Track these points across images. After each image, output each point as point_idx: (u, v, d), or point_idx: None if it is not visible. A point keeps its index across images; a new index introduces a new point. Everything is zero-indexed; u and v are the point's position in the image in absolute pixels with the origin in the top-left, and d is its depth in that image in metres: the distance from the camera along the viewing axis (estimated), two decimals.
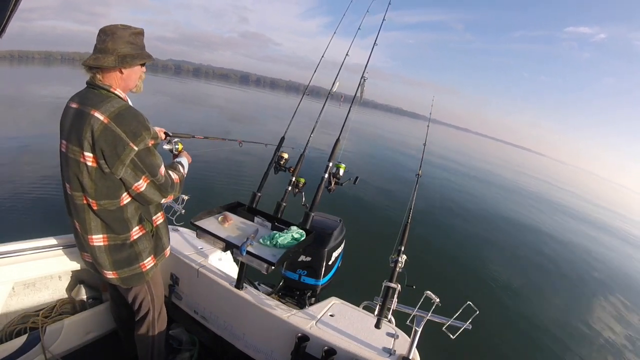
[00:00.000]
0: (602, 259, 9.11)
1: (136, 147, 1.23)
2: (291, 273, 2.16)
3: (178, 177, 1.49)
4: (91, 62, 1.23)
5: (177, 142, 1.78)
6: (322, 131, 2.54)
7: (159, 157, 1.35)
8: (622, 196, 57.40)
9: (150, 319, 1.59)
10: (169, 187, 1.40)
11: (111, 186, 1.28)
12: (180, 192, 1.52)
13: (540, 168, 54.23)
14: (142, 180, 1.30)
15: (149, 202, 1.40)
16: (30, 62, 77.06)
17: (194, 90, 44.09)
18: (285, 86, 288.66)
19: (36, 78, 30.10)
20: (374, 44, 2.56)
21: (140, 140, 1.24)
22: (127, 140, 1.21)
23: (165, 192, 1.39)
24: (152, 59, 1.36)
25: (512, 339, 4.22)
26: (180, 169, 1.58)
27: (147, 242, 1.45)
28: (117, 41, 1.24)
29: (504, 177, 21.56)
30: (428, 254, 5.60)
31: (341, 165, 2.20)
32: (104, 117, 1.19)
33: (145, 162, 1.28)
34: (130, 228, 1.38)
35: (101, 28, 1.25)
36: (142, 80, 1.41)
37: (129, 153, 1.23)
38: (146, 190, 1.33)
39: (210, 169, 7.75)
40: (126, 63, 1.27)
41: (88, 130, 1.19)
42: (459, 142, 62.82)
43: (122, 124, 1.21)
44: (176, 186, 1.46)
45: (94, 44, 1.26)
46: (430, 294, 1.31)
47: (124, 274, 1.42)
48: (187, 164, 1.69)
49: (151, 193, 1.35)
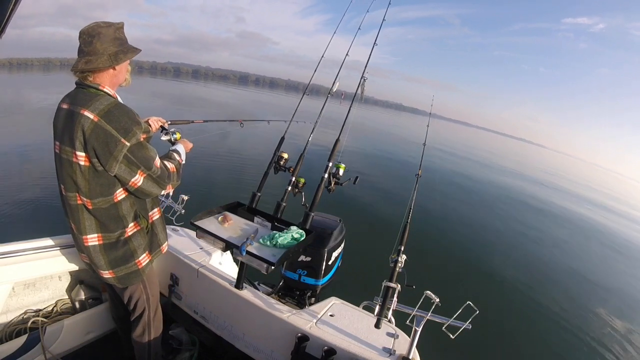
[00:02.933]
0: (604, 257, 9.10)
1: (128, 142, 1.24)
2: (291, 273, 2.16)
3: (173, 166, 1.48)
4: (84, 66, 1.23)
5: (175, 132, 1.77)
6: (322, 131, 2.54)
7: (152, 150, 1.34)
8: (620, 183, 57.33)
9: (146, 319, 1.59)
10: (165, 178, 1.40)
11: (104, 184, 1.28)
12: (179, 181, 1.51)
13: (540, 160, 54.06)
14: (138, 174, 1.30)
15: (149, 195, 1.40)
16: (30, 68, 76.97)
17: (201, 92, 44.01)
18: (284, 85, 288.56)
19: (37, 84, 30.09)
20: (374, 44, 2.56)
21: (131, 135, 1.24)
22: (119, 137, 1.22)
23: (162, 183, 1.39)
24: (140, 50, 1.36)
25: (512, 339, 4.21)
26: (175, 157, 1.56)
27: (142, 238, 1.45)
28: (105, 40, 1.24)
29: (504, 172, 21.46)
30: (428, 254, 5.59)
31: (341, 165, 2.20)
32: (93, 116, 1.20)
33: (138, 156, 1.28)
34: (125, 225, 1.38)
35: (82, 30, 1.23)
36: (129, 72, 1.41)
37: (121, 149, 1.23)
38: (143, 184, 1.33)
39: (211, 168, 7.75)
40: (120, 60, 1.28)
41: (79, 130, 1.20)
42: (459, 136, 62.63)
43: (112, 121, 1.22)
44: (173, 176, 1.45)
45: None
46: (430, 294, 1.31)
47: (120, 272, 1.42)
48: (184, 151, 1.66)
49: (149, 186, 1.35)
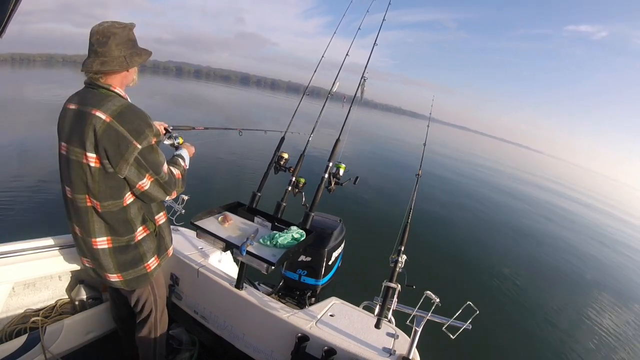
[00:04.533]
0: (604, 256, 9.10)
1: (140, 145, 1.22)
2: (291, 273, 2.16)
3: (179, 172, 1.47)
4: (99, 67, 1.20)
5: (178, 137, 1.78)
6: (322, 131, 2.54)
7: (161, 155, 1.33)
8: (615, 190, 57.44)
9: (152, 320, 1.58)
10: (172, 184, 1.39)
11: (115, 186, 1.26)
12: (183, 187, 1.49)
13: (538, 166, 54.18)
14: (146, 178, 1.29)
15: (153, 200, 1.39)
16: (32, 64, 77.06)
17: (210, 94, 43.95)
18: (285, 87, 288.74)
19: (39, 80, 30.08)
20: (374, 44, 2.56)
21: (143, 138, 1.23)
22: (131, 139, 1.20)
23: (169, 189, 1.38)
24: (151, 53, 1.36)
25: (512, 339, 4.21)
26: (180, 163, 1.55)
27: (151, 242, 1.44)
28: (120, 42, 1.22)
29: (503, 175, 21.55)
30: (428, 254, 5.60)
31: (341, 165, 2.20)
32: (106, 116, 1.18)
33: (148, 160, 1.27)
34: (134, 229, 1.37)
35: (96, 29, 1.20)
36: (137, 73, 1.41)
37: (133, 152, 1.21)
38: (150, 189, 1.32)
39: (211, 169, 7.76)
40: (134, 63, 1.28)
41: (90, 130, 1.18)
42: (458, 140, 62.80)
43: (125, 122, 1.20)
44: (178, 182, 1.44)
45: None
46: (430, 294, 1.31)
47: (128, 275, 1.40)
48: (188, 157, 1.67)
49: (155, 191, 1.34)
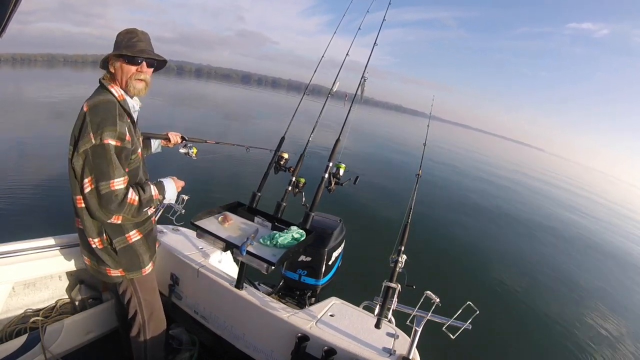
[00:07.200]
0: (605, 256, 9.10)
1: (94, 140, 1.17)
2: (291, 273, 2.16)
3: (138, 198, 1.25)
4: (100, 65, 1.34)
5: (192, 146, 1.78)
6: (323, 131, 2.54)
7: (114, 166, 1.18)
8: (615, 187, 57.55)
9: (139, 321, 1.58)
10: (114, 204, 1.18)
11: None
12: (138, 217, 1.30)
13: (539, 164, 54.17)
14: (87, 181, 1.18)
15: (91, 213, 1.21)
16: (34, 64, 77.16)
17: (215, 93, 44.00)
18: (286, 85, 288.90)
19: (40, 80, 30.07)
20: (374, 44, 2.55)
21: (99, 133, 1.17)
22: (89, 130, 1.18)
23: (108, 206, 1.17)
24: (132, 56, 1.28)
25: (512, 339, 4.21)
26: (150, 190, 1.33)
27: (144, 245, 1.47)
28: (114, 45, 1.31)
29: (505, 174, 21.50)
30: (428, 254, 5.59)
31: (341, 165, 2.20)
32: (86, 107, 1.21)
33: (95, 161, 1.17)
34: (126, 231, 1.38)
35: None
36: (145, 82, 1.36)
37: (85, 143, 1.18)
38: (88, 194, 1.18)
39: (211, 169, 7.75)
40: (112, 62, 1.32)
41: (78, 125, 1.21)
42: (459, 138, 62.74)
43: (94, 114, 1.20)
44: (129, 207, 1.22)
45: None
46: (430, 294, 1.31)
47: (125, 272, 1.44)
48: (172, 189, 1.47)
49: (91, 201, 1.18)
